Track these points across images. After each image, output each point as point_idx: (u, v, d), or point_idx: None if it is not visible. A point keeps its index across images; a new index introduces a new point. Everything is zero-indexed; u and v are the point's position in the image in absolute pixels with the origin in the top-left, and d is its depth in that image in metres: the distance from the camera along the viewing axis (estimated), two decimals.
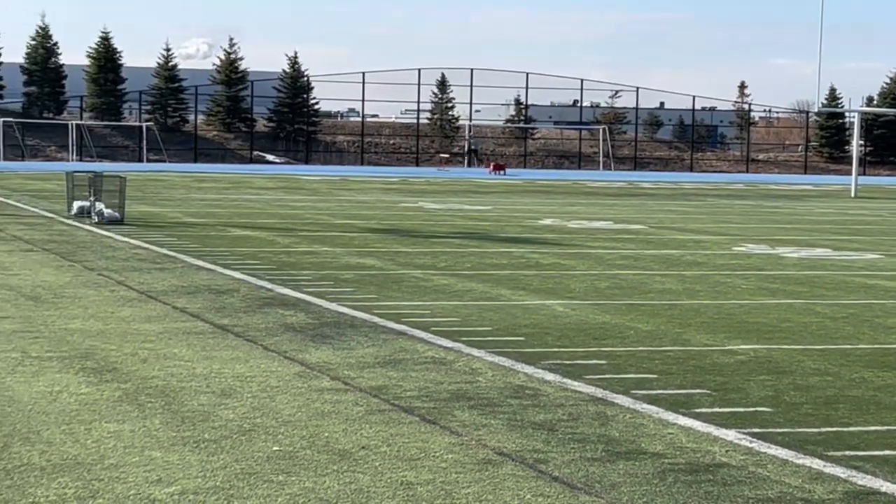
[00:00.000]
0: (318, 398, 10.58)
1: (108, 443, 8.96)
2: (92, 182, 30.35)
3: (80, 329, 14.00)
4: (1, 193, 40.77)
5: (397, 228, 30.42)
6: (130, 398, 10.47)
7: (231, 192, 47.03)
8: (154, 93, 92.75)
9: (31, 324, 14.28)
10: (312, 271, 20.35)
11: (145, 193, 42.50)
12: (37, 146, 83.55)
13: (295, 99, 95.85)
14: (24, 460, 8.43)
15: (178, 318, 15.08)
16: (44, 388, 10.74)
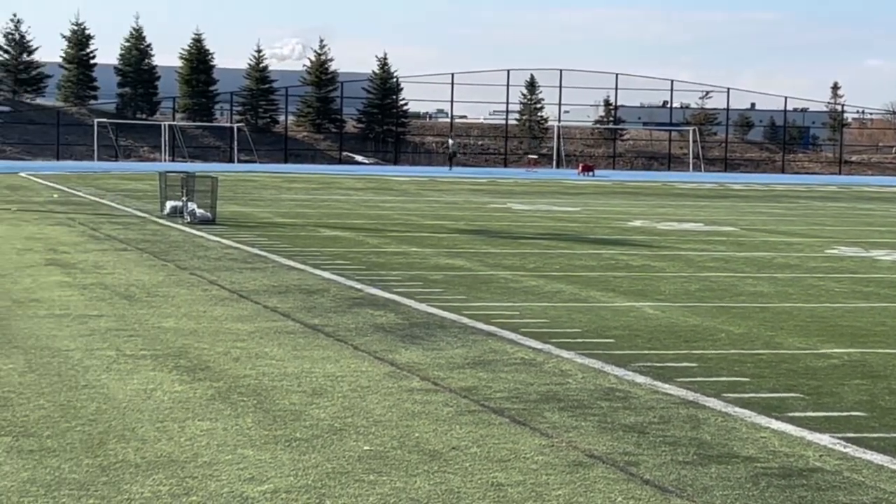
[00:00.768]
0: (408, 398, 10.61)
1: (201, 441, 9.05)
2: (184, 182, 30.66)
3: (174, 328, 14.16)
4: (95, 193, 41.31)
5: (486, 229, 30.42)
6: (223, 397, 10.57)
7: (321, 193, 47.30)
8: (245, 94, 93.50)
9: (126, 322, 14.46)
10: (402, 272, 20.41)
11: (236, 194, 42.86)
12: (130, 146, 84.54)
13: (384, 100, 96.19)
14: (119, 457, 8.54)
15: (270, 317, 15.20)
16: (138, 386, 10.87)
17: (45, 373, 11.35)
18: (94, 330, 13.82)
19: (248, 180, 56.06)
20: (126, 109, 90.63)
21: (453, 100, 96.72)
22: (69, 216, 30.65)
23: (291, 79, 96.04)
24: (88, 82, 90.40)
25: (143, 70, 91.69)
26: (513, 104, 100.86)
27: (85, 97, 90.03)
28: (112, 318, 14.70)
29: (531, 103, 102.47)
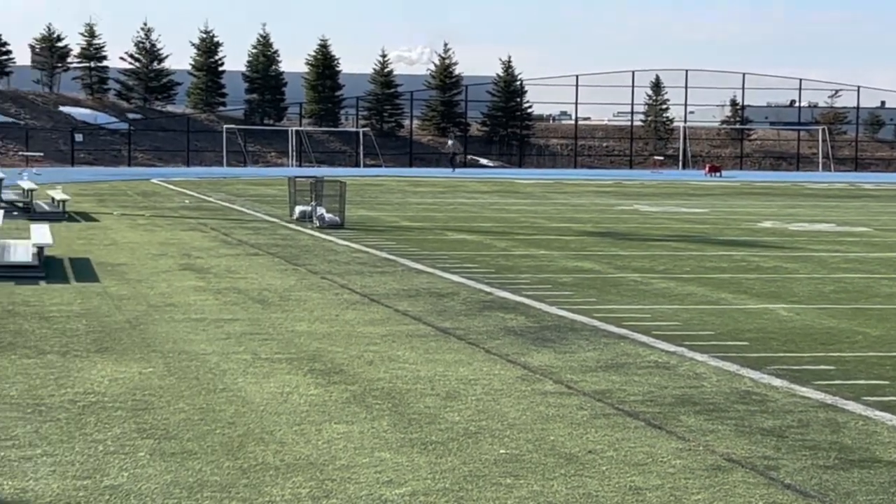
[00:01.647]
0: (542, 401, 10.60)
1: (338, 443, 9.12)
2: (313, 187, 30.94)
3: (307, 331, 14.29)
4: (226, 199, 41.88)
5: (613, 231, 30.27)
6: (358, 400, 10.65)
7: (446, 196, 47.47)
8: (370, 98, 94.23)
9: (260, 326, 14.64)
10: (530, 275, 20.39)
11: (363, 198, 43.17)
12: (258, 152, 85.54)
13: (508, 103, 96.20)
14: (258, 460, 8.65)
15: (401, 321, 15.28)
16: (275, 389, 11.00)
17: (184, 376, 11.53)
18: (230, 334, 14.01)
19: (375, 184, 56.47)
20: (254, 115, 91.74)
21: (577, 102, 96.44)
22: (201, 221, 31.11)
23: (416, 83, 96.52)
24: (217, 89, 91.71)
25: (270, 76, 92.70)
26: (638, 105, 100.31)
27: (214, 104, 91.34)
28: (246, 322, 14.89)
29: (656, 104, 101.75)
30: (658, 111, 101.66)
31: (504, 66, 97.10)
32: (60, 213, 31.54)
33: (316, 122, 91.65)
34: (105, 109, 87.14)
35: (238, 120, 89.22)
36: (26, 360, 12.21)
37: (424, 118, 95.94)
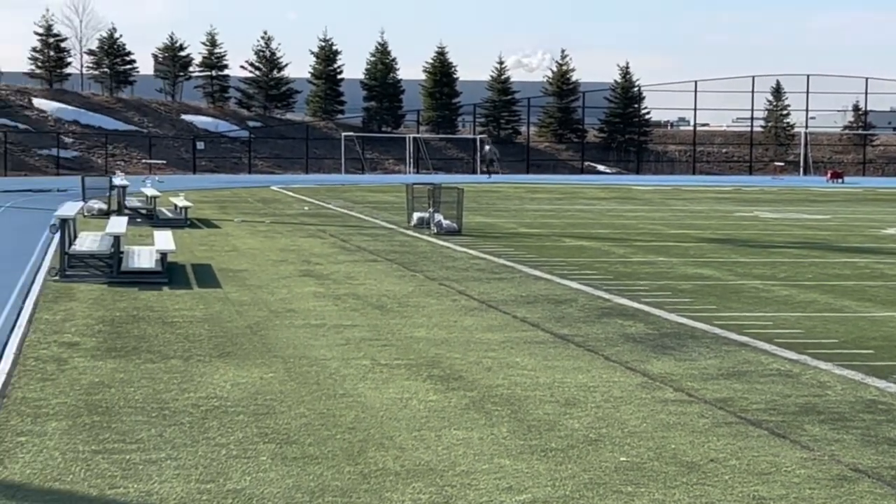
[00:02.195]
0: (662, 409, 10.51)
1: (458, 449, 9.12)
2: (431, 194, 31.02)
3: (426, 337, 14.33)
4: (344, 205, 42.14)
5: (733, 238, 29.92)
6: (477, 406, 10.64)
7: (563, 203, 47.31)
8: (487, 105, 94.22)
9: (379, 332, 14.70)
10: (649, 281, 20.24)
11: (480, 204, 43.17)
12: (375, 159, 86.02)
13: (626, 109, 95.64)
14: (379, 465, 8.68)
15: (519, 327, 15.25)
16: (394, 395, 11.04)
17: (305, 381, 11.62)
18: (349, 339, 14.09)
19: (492, 191, 56.43)
20: (371, 123, 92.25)
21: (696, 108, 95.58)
22: (320, 228, 31.35)
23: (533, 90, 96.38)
24: (336, 97, 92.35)
25: (388, 84, 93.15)
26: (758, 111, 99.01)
27: (332, 111, 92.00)
28: (366, 328, 14.97)
29: (777, 110, 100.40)
30: (778, 117, 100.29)
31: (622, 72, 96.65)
32: (183, 220, 32.00)
33: (433, 129, 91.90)
34: (226, 118, 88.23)
35: (356, 127, 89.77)
36: (150, 365, 12.40)
37: (541, 125, 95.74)
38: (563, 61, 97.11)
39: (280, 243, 26.71)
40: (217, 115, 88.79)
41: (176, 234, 24.05)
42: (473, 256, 24.13)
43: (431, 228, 29.98)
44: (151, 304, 16.90)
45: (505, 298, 17.86)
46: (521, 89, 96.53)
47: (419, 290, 18.75)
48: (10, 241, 26.19)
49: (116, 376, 11.79)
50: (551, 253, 25.13)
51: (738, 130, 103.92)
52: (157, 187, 39.47)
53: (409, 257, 23.84)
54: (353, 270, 21.42)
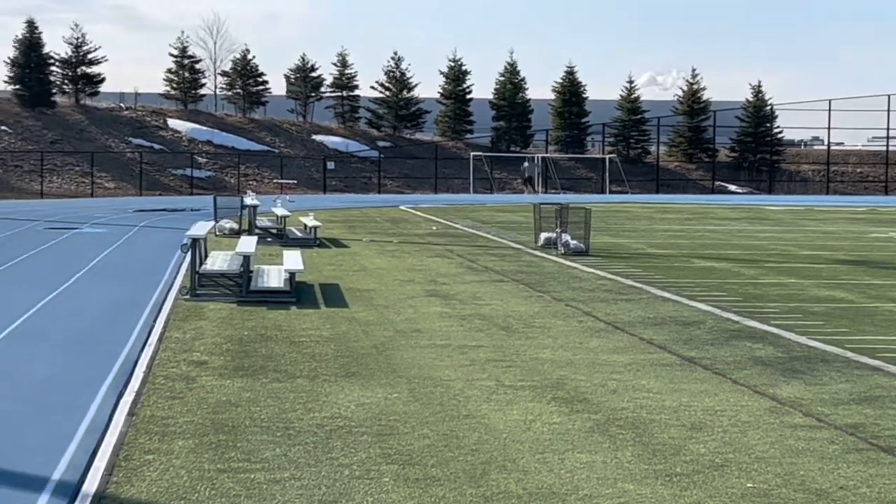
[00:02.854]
0: (791, 434, 10.32)
1: (581, 473, 9.05)
2: (558, 214, 30.92)
3: (551, 359, 14.26)
4: (472, 225, 42.20)
5: (867, 260, 29.34)
6: (601, 429, 10.55)
7: (693, 223, 46.85)
8: (617, 125, 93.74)
9: (504, 353, 14.67)
10: (780, 303, 19.93)
11: (608, 224, 42.94)
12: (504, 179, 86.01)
13: (757, 128, 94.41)
14: (501, 488, 8.64)
15: (645, 349, 15.11)
16: (518, 417, 10.99)
17: (428, 402, 11.63)
18: (474, 360, 14.08)
19: (620, 211, 56.12)
20: (500, 143, 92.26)
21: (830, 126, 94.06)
22: (447, 248, 31.41)
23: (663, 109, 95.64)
24: (465, 117, 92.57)
25: (517, 104, 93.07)
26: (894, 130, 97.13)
27: (461, 131, 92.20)
28: (490, 349, 14.94)
29: None
30: None
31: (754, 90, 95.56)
32: (312, 240, 32.29)
33: (562, 149, 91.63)
34: (356, 137, 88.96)
35: (485, 147, 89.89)
36: (276, 384, 12.50)
37: (671, 144, 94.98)
38: (694, 80, 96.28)
39: (407, 263, 26.81)
40: (347, 135, 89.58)
41: (305, 254, 24.26)
42: (600, 277, 23.98)
43: (559, 248, 29.87)
44: (279, 323, 17.07)
45: (632, 320, 17.72)
46: (650, 108, 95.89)
47: (545, 311, 18.68)
48: (143, 260, 26.66)
49: (243, 395, 11.91)
50: (680, 274, 24.88)
51: (874, 150, 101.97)
52: (287, 207, 39.89)
53: (536, 278, 23.77)
54: (479, 291, 21.41)
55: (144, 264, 25.62)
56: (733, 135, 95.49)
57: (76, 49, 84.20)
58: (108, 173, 72.26)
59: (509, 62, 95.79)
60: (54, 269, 24.19)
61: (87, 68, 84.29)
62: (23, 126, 76.81)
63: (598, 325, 17.15)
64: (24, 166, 70.77)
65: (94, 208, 49.80)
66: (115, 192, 69.09)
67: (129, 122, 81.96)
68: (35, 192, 65.45)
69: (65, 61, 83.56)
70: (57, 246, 30.20)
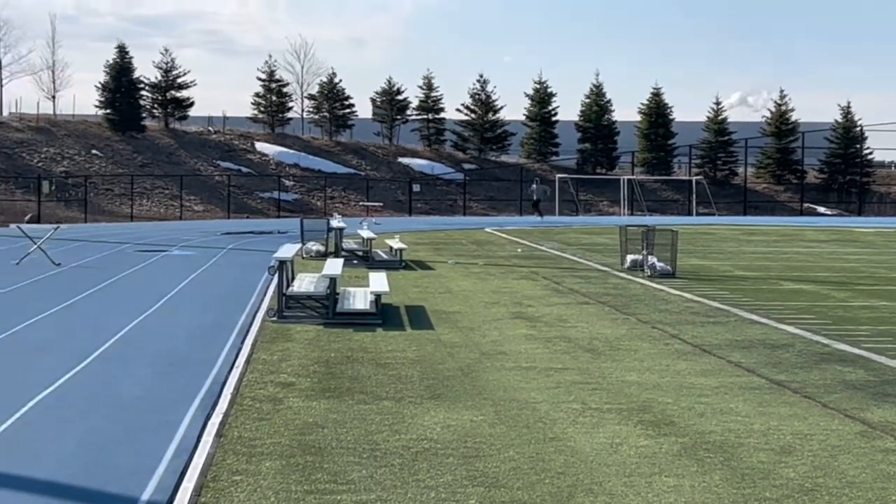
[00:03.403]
0: (882, 459, 10.18)
1: (668, 497, 8.98)
2: (644, 236, 30.77)
3: (637, 381, 14.18)
4: (557, 247, 42.07)
5: None
6: (689, 452, 10.47)
7: (781, 245, 46.37)
8: (704, 146, 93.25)
9: (590, 375, 14.61)
10: (870, 326, 19.66)
11: (695, 246, 42.62)
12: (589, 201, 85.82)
13: (847, 149, 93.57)
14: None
15: (733, 372, 14.98)
16: (604, 440, 10.94)
17: (514, 425, 11.61)
18: (560, 383, 14.04)
19: (707, 233, 55.70)
20: (586, 164, 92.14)
21: None
22: (532, 270, 31.34)
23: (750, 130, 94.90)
24: (550, 139, 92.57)
25: (603, 126, 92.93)
26: None
27: (547, 153, 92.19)
28: (576, 372, 14.89)
29: None
30: None
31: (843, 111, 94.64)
32: (397, 262, 32.39)
33: (648, 171, 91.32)
34: (441, 160, 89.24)
35: (570, 169, 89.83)
36: (363, 406, 12.55)
37: (759, 166, 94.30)
38: (782, 101, 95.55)
39: (493, 285, 26.80)
40: (433, 157, 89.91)
41: (391, 276, 24.35)
42: (687, 299, 23.82)
43: (645, 271, 29.72)
44: (365, 345, 17.13)
45: (719, 342, 17.58)
46: (738, 130, 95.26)
47: (631, 334, 18.58)
48: (231, 282, 26.89)
49: (329, 417, 11.97)
50: (768, 296, 24.64)
51: None
52: (373, 229, 40.07)
53: (622, 300, 23.66)
54: (564, 313, 21.35)
55: (232, 286, 25.85)
56: (822, 156, 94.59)
57: (166, 74, 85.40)
58: (196, 196, 73.04)
59: (595, 84, 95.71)
60: (144, 291, 24.48)
61: (176, 92, 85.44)
62: (113, 150, 77.92)
63: (686, 348, 17.03)
64: (114, 189, 71.76)
65: (183, 231, 50.35)
66: (204, 214, 69.78)
67: (218, 146, 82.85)
68: (125, 215, 66.31)
69: (154, 86, 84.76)
70: (147, 268, 30.57)
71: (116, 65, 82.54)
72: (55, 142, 77.04)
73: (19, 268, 29.44)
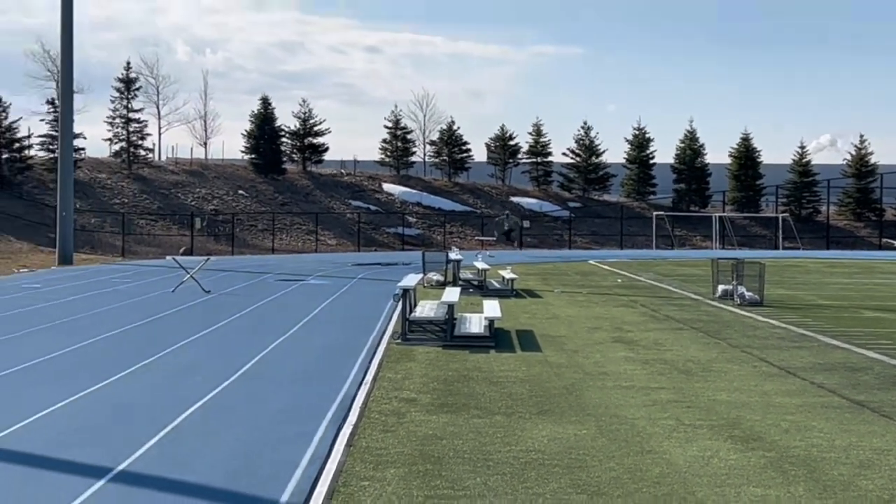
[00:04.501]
0: None
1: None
2: (734, 267, 30.42)
3: (727, 400, 14.01)
4: (654, 278, 41.72)
5: None
6: (774, 465, 10.32)
7: (861, 277, 45.50)
8: (789, 186, 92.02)
9: (684, 394, 14.46)
10: None
11: (782, 278, 41.99)
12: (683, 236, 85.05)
13: None
14: None
15: (816, 392, 14.73)
16: (696, 453, 10.82)
17: (614, 438, 11.54)
18: (656, 401, 13.92)
19: (792, 265, 54.86)
20: (680, 203, 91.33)
21: None
22: (632, 298, 31.12)
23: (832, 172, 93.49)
24: (648, 180, 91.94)
25: (696, 168, 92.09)
26: None
27: (644, 193, 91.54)
28: (671, 391, 14.75)
29: None
30: None
31: None
32: (509, 291, 32.36)
33: (737, 209, 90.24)
34: (549, 199, 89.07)
35: (666, 207, 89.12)
36: (477, 420, 12.55)
37: (841, 204, 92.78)
38: (862, 145, 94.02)
39: (595, 312, 26.66)
40: (541, 196, 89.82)
41: (503, 303, 24.34)
42: (774, 326, 23.47)
43: (735, 300, 29.36)
44: (480, 365, 17.13)
45: (803, 365, 17.29)
46: (821, 171, 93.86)
47: (722, 357, 18.36)
48: (361, 308, 27.07)
49: (447, 429, 11.99)
50: (849, 323, 24.19)
51: None
52: (487, 261, 40.10)
53: (714, 326, 23.38)
54: (661, 337, 21.17)
55: (361, 312, 26.02)
56: None
57: (304, 122, 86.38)
58: (330, 231, 73.75)
59: (689, 130, 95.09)
60: (283, 316, 24.75)
61: (312, 139, 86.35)
62: (257, 190, 79.01)
63: (772, 370, 16.78)
64: (257, 225, 72.72)
65: (318, 262, 50.83)
66: (336, 248, 70.40)
67: (349, 187, 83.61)
68: (267, 248, 67.15)
69: (294, 133, 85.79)
70: (286, 296, 30.91)
71: (261, 115, 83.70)
72: (206, 183, 78.37)
73: (175, 295, 29.95)
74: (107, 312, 25.30)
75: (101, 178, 74.67)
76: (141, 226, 68.63)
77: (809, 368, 16.95)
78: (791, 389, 14.92)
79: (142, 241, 65.21)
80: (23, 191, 68.76)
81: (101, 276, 38.77)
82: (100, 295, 30.35)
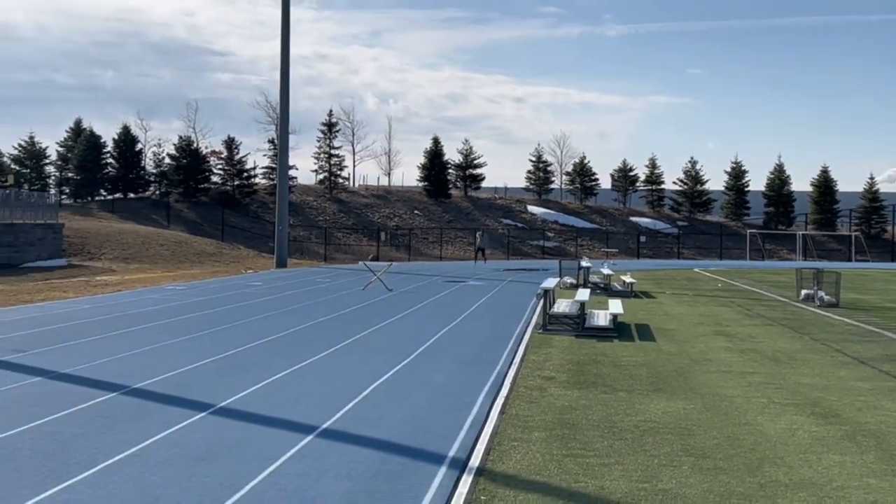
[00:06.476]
0: None
1: (833, 469, 8.62)
2: (815, 276, 29.57)
3: (809, 384, 13.63)
4: (748, 283, 40.74)
5: None
6: (849, 437, 10.01)
7: None
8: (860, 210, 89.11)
9: (773, 378, 14.12)
10: None
11: (855, 285, 40.58)
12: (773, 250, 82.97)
13: None
14: (772, 478, 8.33)
15: (884, 378, 14.22)
16: (784, 426, 10.56)
17: (716, 413, 11.33)
18: (751, 383, 13.62)
19: (863, 275, 52.96)
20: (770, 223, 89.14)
21: None
22: (729, 299, 30.46)
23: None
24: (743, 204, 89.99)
25: (783, 194, 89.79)
26: None
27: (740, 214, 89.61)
28: (763, 375, 14.41)
29: None
30: None
31: None
32: (629, 292, 31.99)
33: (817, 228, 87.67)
34: (661, 218, 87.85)
35: (758, 226, 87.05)
36: (604, 395, 12.46)
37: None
38: None
39: (699, 310, 26.18)
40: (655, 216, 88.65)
41: (624, 302, 24.08)
42: (848, 324, 22.72)
43: (815, 302, 28.52)
44: (605, 351, 17.00)
45: (873, 356, 16.71)
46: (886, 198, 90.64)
47: (805, 348, 17.85)
48: (511, 304, 27.08)
49: (580, 402, 11.93)
50: None
51: None
52: (611, 268, 39.68)
53: (797, 323, 22.75)
54: (754, 332, 20.68)
55: (510, 307, 26.04)
56: None
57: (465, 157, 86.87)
58: None
59: (777, 163, 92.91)
60: (448, 309, 24.92)
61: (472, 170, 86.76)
62: (428, 211, 79.74)
63: (847, 360, 16.25)
64: (429, 238, 73.37)
65: (476, 268, 50.99)
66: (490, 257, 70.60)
67: (501, 208, 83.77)
68: (435, 256, 67.67)
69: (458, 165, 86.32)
70: (450, 294, 31.12)
71: (432, 151, 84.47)
72: (389, 205, 79.40)
73: (364, 292, 30.42)
74: (313, 304, 25.83)
75: (308, 199, 76.36)
76: (338, 237, 69.91)
77: (878, 359, 16.37)
78: (863, 375, 14.43)
79: (339, 249, 66.42)
80: (249, 210, 70.79)
81: (308, 276, 39.60)
82: (307, 291, 31.01)
